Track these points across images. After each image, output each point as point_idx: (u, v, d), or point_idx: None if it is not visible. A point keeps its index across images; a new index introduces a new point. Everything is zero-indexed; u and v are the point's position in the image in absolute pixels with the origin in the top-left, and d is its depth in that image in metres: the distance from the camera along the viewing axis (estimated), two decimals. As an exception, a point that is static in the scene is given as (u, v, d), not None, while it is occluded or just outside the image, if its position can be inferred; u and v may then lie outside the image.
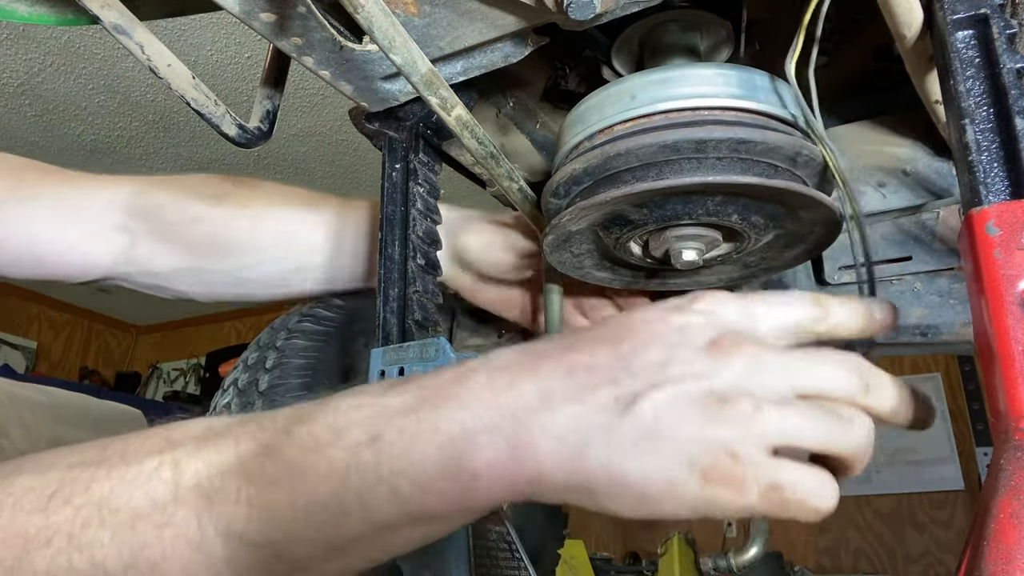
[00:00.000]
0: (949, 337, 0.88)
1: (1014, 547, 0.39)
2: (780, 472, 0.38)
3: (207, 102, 0.73)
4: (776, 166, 0.65)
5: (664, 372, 0.40)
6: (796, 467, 0.39)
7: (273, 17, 0.65)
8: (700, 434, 0.38)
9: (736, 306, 0.44)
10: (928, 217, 0.88)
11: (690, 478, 0.38)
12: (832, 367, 0.42)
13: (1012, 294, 0.44)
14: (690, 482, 0.38)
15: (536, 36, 0.72)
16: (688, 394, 0.39)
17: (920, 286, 0.90)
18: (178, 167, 3.73)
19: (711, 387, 0.39)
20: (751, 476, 0.38)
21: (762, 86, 0.66)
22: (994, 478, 0.42)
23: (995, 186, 0.49)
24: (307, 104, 3.16)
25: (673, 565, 3.02)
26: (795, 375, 0.41)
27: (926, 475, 3.69)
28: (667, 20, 0.79)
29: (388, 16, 0.55)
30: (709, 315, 0.43)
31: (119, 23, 0.64)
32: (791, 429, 0.39)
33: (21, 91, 3.09)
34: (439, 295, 0.83)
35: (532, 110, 1.00)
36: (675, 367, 0.40)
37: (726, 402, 0.38)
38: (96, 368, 6.10)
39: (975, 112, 0.51)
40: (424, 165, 0.86)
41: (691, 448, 0.38)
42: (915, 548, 3.63)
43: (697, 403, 0.39)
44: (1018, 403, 0.43)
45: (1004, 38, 0.52)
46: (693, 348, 0.41)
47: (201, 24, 2.72)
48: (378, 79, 0.77)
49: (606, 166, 0.65)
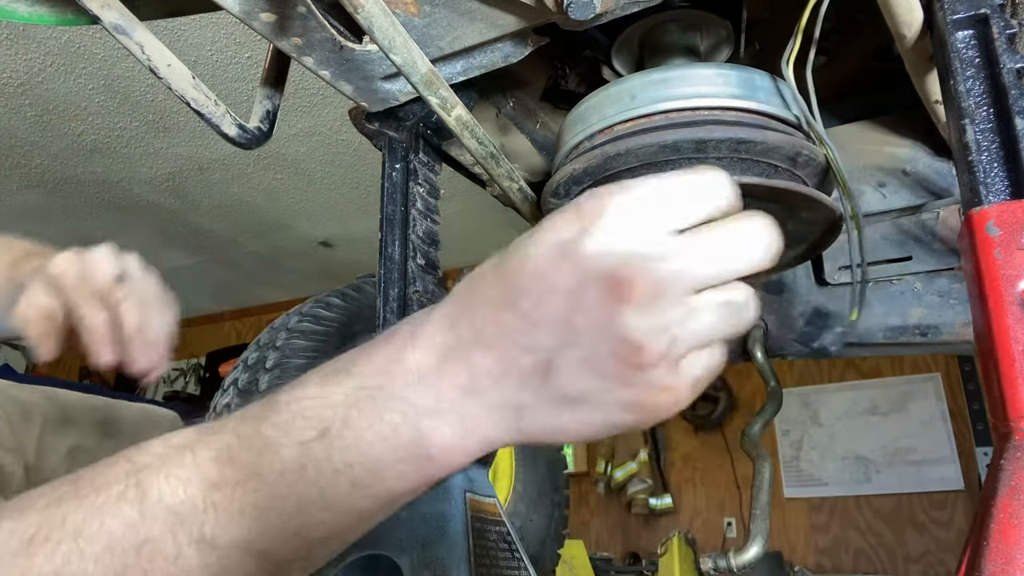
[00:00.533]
0: (949, 337, 0.88)
1: (1014, 547, 0.39)
2: (700, 371, 0.40)
3: (207, 102, 0.73)
4: (776, 166, 0.65)
5: (564, 321, 0.39)
6: (706, 353, 0.41)
7: (273, 17, 0.65)
8: (625, 382, 0.39)
9: (616, 212, 0.39)
10: (928, 217, 0.88)
11: (627, 417, 0.40)
12: (728, 247, 0.40)
13: (1012, 294, 0.44)
14: (628, 419, 0.40)
15: (536, 36, 0.72)
16: (597, 351, 0.38)
17: (920, 286, 0.90)
18: (178, 167, 3.73)
19: (620, 336, 0.38)
20: (682, 390, 0.40)
21: (762, 86, 0.67)
22: (994, 478, 0.42)
23: (995, 186, 0.49)
24: (307, 104, 3.16)
25: (673, 565, 3.02)
26: (694, 280, 0.39)
27: (926, 475, 3.69)
28: (667, 20, 0.79)
29: (388, 16, 0.55)
30: (596, 233, 0.38)
31: (119, 23, 0.64)
32: (704, 338, 0.40)
33: (21, 91, 3.09)
34: (439, 295, 0.83)
35: (532, 110, 1.00)
36: (571, 312, 0.38)
37: (641, 349, 0.38)
38: (96, 368, 6.09)
39: (975, 112, 0.51)
40: (424, 165, 0.86)
41: (622, 396, 0.39)
42: (915, 548, 3.63)
43: (614, 356, 0.38)
44: (1018, 403, 0.43)
45: (1004, 38, 0.52)
46: (586, 288, 0.38)
47: (201, 24, 2.72)
48: (378, 79, 0.77)
49: (606, 166, 0.65)
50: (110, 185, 3.94)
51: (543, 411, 0.41)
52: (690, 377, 0.40)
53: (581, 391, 0.40)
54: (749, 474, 2.56)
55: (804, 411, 4.05)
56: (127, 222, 4.41)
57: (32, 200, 4.09)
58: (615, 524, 4.34)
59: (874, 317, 0.91)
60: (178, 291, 0.85)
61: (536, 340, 0.39)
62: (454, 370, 0.41)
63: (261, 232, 4.60)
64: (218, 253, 4.95)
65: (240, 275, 5.38)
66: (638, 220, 0.38)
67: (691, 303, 0.39)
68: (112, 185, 3.94)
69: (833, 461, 3.92)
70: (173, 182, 3.92)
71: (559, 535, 1.36)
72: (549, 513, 1.34)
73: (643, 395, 0.39)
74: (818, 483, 3.93)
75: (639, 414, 0.40)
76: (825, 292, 0.96)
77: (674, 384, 0.39)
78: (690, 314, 0.39)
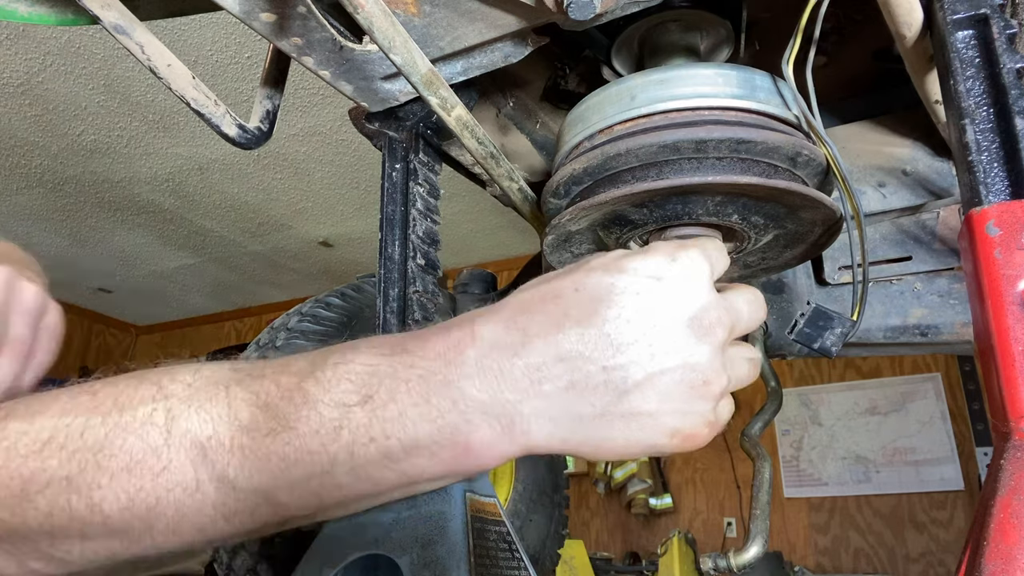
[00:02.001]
0: (949, 337, 0.88)
1: (1014, 547, 0.39)
2: (727, 415, 0.47)
3: (207, 102, 0.73)
4: (776, 166, 0.65)
5: (650, 352, 0.43)
6: (729, 401, 0.48)
7: (273, 17, 0.65)
8: (684, 410, 0.44)
9: (706, 266, 0.46)
10: (928, 217, 0.88)
11: (669, 441, 0.44)
12: (751, 312, 0.49)
13: (1012, 294, 0.44)
14: (668, 444, 0.44)
15: (536, 36, 0.72)
16: (674, 378, 0.43)
17: (920, 286, 0.90)
18: (178, 167, 3.73)
19: (695, 367, 0.43)
20: (716, 427, 0.45)
21: (762, 86, 0.66)
22: (994, 478, 0.42)
23: (995, 186, 0.49)
24: (307, 104, 3.16)
25: (673, 565, 3.02)
26: (740, 328, 0.48)
27: (926, 475, 3.69)
28: (667, 20, 0.79)
29: (388, 16, 0.55)
30: (688, 280, 0.45)
31: (119, 23, 0.64)
32: (738, 384, 0.48)
33: (21, 91, 3.10)
34: (439, 295, 0.83)
35: (532, 110, 1.00)
36: (660, 347, 0.43)
37: (708, 384, 0.44)
38: (96, 368, 6.10)
39: (975, 112, 0.51)
40: (424, 165, 0.86)
41: (675, 422, 0.44)
42: (915, 548, 3.63)
43: (683, 384, 0.43)
44: (1018, 403, 0.43)
45: (1004, 38, 0.52)
46: (677, 326, 0.43)
47: (201, 24, 2.72)
48: (378, 79, 0.77)
49: (606, 166, 0.65)
50: (110, 185, 3.94)
51: (599, 424, 0.43)
52: (721, 418, 0.46)
53: (646, 410, 0.43)
54: (749, 474, 2.56)
55: (804, 411, 4.05)
56: (127, 222, 4.41)
57: (32, 200, 4.09)
58: (615, 524, 4.34)
59: (874, 317, 0.91)
60: (178, 291, 0.84)
61: (618, 360, 0.42)
62: (520, 374, 0.42)
63: (261, 232, 4.60)
64: (218, 253, 4.95)
65: (240, 275, 5.38)
66: (711, 273, 0.46)
67: (734, 353, 0.47)
68: (112, 185, 3.94)
69: (833, 461, 3.92)
70: (173, 182, 3.92)
71: (559, 535, 1.36)
72: (549, 513, 1.34)
73: (692, 424, 0.44)
74: (818, 483, 3.93)
75: (679, 441, 0.44)
76: (825, 292, 0.96)
77: (714, 421, 0.45)
78: (734, 362, 0.47)
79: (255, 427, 0.42)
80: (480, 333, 0.44)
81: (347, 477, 0.43)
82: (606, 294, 0.44)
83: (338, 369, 0.43)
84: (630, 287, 0.44)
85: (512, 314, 0.45)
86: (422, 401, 0.42)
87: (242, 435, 0.42)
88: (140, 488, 0.41)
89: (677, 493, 4.23)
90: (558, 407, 0.43)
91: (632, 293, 0.44)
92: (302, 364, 0.45)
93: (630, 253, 0.47)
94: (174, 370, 0.45)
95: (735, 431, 0.81)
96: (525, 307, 0.45)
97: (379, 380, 0.42)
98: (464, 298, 1.30)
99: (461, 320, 0.46)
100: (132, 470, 0.41)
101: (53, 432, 0.42)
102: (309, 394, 0.42)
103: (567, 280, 0.45)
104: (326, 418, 0.42)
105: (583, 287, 0.44)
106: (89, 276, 5.34)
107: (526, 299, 0.45)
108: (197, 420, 0.42)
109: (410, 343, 0.45)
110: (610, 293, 0.44)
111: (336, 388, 0.43)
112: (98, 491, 0.41)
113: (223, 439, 0.42)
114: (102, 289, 5.62)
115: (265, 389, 0.43)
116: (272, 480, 0.42)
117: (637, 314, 0.43)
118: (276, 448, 0.42)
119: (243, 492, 0.42)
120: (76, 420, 0.42)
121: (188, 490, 0.41)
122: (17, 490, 0.41)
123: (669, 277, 0.44)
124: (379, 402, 0.42)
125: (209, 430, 0.42)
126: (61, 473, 0.41)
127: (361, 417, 0.42)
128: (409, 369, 0.43)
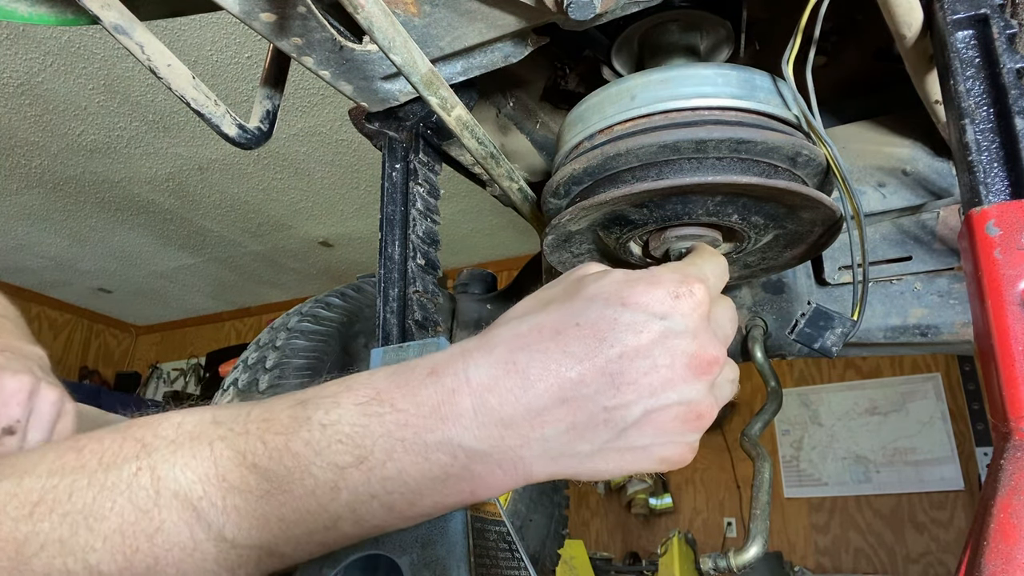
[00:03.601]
0: (949, 337, 0.88)
1: (1014, 547, 0.39)
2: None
3: (207, 102, 0.73)
4: (776, 166, 0.65)
5: (651, 391, 0.43)
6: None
7: (273, 17, 0.65)
8: (676, 440, 0.45)
9: (707, 300, 0.46)
10: (928, 217, 0.88)
11: (657, 467, 0.46)
12: (732, 328, 0.51)
13: (1012, 294, 0.44)
14: (654, 468, 0.46)
15: (536, 36, 0.72)
16: (671, 414, 0.44)
17: (920, 286, 0.90)
18: (178, 167, 3.73)
19: (690, 403, 0.44)
20: (696, 449, 0.47)
21: (762, 86, 0.66)
22: (994, 478, 0.42)
23: (995, 186, 0.49)
24: (307, 104, 3.16)
25: (673, 565, 3.02)
26: (732, 371, 0.49)
27: (926, 475, 3.69)
28: (667, 20, 0.79)
29: (388, 16, 0.55)
30: (689, 318, 0.44)
31: (119, 23, 0.64)
32: (721, 406, 0.49)
33: (21, 91, 3.10)
34: (439, 295, 0.83)
35: (532, 110, 1.00)
36: (660, 386, 0.43)
37: (701, 417, 0.45)
38: (96, 368, 6.10)
39: (975, 112, 0.51)
40: (424, 165, 0.86)
41: (666, 452, 0.45)
42: (915, 548, 3.63)
43: (678, 419, 0.44)
44: (1018, 403, 0.43)
45: (1004, 38, 0.52)
46: (677, 364, 0.43)
47: (201, 24, 2.72)
48: (378, 79, 0.77)
49: (606, 166, 0.65)
50: (110, 185, 3.94)
51: (595, 457, 0.44)
52: (699, 440, 0.47)
53: (641, 444, 0.44)
54: (749, 474, 2.55)
55: (804, 411, 4.05)
56: (127, 222, 4.41)
57: (32, 200, 4.09)
58: (615, 524, 4.34)
59: (874, 317, 0.91)
60: (178, 291, 0.84)
61: (619, 400, 0.43)
62: (521, 419, 0.42)
63: (261, 232, 4.60)
64: (218, 253, 4.95)
65: (240, 275, 5.38)
66: (710, 304, 0.46)
67: (721, 379, 0.47)
68: (112, 185, 3.94)
69: (833, 461, 3.93)
70: (173, 182, 3.92)
71: (559, 535, 1.36)
72: (549, 513, 1.34)
73: (680, 451, 0.45)
74: (818, 483, 3.93)
75: (666, 466, 0.46)
76: (825, 292, 0.96)
77: (696, 445, 0.46)
78: (722, 388, 0.48)
79: (247, 488, 0.41)
80: (475, 379, 0.43)
81: (352, 528, 0.43)
82: (608, 330, 0.43)
83: (327, 431, 0.42)
84: (633, 325, 0.43)
85: (509, 353, 0.43)
86: (421, 460, 0.42)
87: (234, 496, 0.41)
88: (136, 550, 0.40)
89: (677, 493, 4.23)
90: (558, 447, 0.43)
91: (635, 331, 0.43)
92: (285, 420, 0.43)
93: (632, 280, 0.45)
94: (155, 423, 0.45)
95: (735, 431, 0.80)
96: (522, 343, 0.43)
97: (372, 440, 0.42)
98: (464, 298, 1.30)
99: (451, 360, 0.44)
100: (125, 532, 0.40)
101: (42, 494, 0.41)
102: (300, 456, 0.42)
103: (566, 311, 0.44)
104: (321, 480, 0.41)
105: (584, 321, 0.43)
106: (89, 276, 5.35)
107: (523, 333, 0.44)
108: (184, 480, 0.41)
109: (398, 398, 0.43)
110: (612, 330, 0.43)
111: (327, 450, 0.42)
112: (93, 554, 0.40)
113: (215, 500, 0.41)
114: (102, 289, 5.62)
115: (252, 448, 0.42)
116: (273, 538, 0.42)
117: (639, 353, 0.43)
118: (272, 510, 0.41)
119: (244, 549, 0.42)
120: (63, 481, 0.41)
121: (186, 549, 0.41)
122: (13, 553, 0.40)
123: (672, 315, 0.44)
124: (376, 462, 0.41)
125: (199, 491, 0.41)
126: (54, 536, 0.40)
127: (358, 476, 0.41)
128: (403, 428, 0.42)
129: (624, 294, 0.44)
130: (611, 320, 0.43)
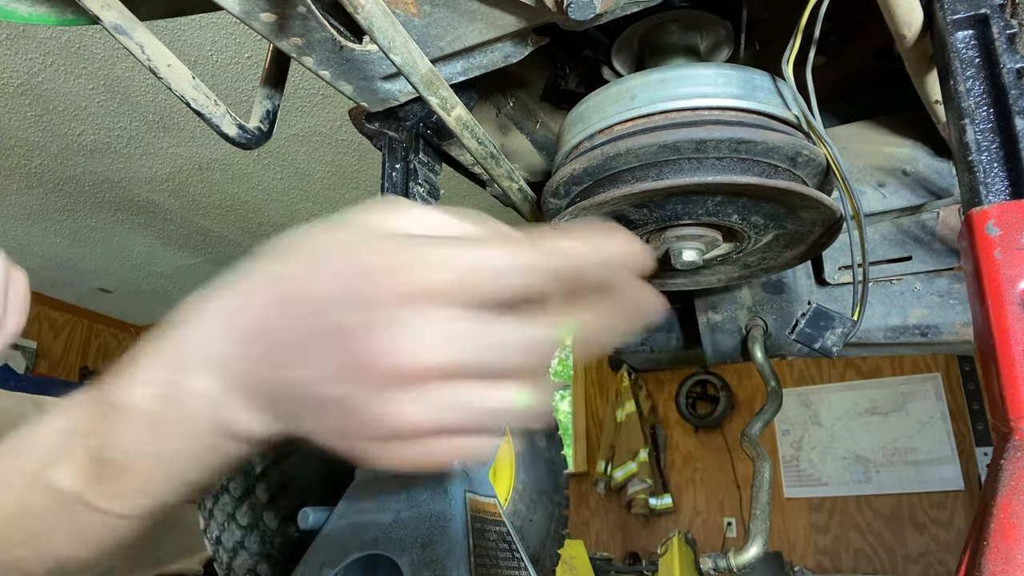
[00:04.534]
0: (949, 337, 0.88)
1: (1014, 547, 0.39)
2: None
3: (207, 102, 0.73)
4: (776, 166, 0.65)
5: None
6: None
7: (273, 17, 0.65)
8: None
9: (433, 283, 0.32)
10: (928, 217, 0.88)
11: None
12: None
13: (1012, 294, 0.44)
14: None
15: (536, 36, 0.72)
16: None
17: (920, 286, 0.90)
18: (178, 167, 3.73)
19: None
20: None
21: (762, 86, 0.66)
22: (994, 478, 0.42)
23: (995, 186, 0.49)
24: (307, 104, 3.16)
25: (673, 565, 3.02)
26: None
27: (926, 475, 3.69)
28: (667, 20, 0.79)
29: (388, 16, 0.55)
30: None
31: (119, 23, 0.64)
32: None
33: (21, 91, 3.09)
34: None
35: (532, 110, 1.00)
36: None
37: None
38: (96, 368, 6.10)
39: (975, 112, 0.51)
40: (424, 165, 0.86)
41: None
42: (915, 548, 3.63)
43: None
44: (1018, 403, 0.43)
45: (1004, 38, 0.52)
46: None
47: (201, 24, 2.72)
48: (378, 79, 0.77)
49: (606, 166, 0.65)
50: (110, 185, 3.94)
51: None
52: None
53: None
54: (749, 474, 2.54)
55: (804, 411, 4.05)
56: (127, 222, 4.41)
57: (32, 200, 4.09)
58: (615, 524, 4.34)
59: (874, 317, 0.91)
60: (178, 291, 0.84)
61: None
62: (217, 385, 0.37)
63: (261, 232, 4.59)
64: (218, 253, 4.95)
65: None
66: None
67: None
68: (112, 185, 3.94)
69: (833, 461, 3.92)
70: (173, 182, 3.92)
71: (559, 535, 1.36)
72: (549, 513, 1.34)
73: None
74: (818, 483, 3.93)
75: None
76: (825, 292, 0.96)
77: None
78: None
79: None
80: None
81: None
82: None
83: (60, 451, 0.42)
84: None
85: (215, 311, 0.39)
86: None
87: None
88: None
89: (677, 493, 4.23)
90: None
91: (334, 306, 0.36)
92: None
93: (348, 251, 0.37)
94: None
95: (735, 431, 0.80)
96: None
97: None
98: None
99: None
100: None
101: None
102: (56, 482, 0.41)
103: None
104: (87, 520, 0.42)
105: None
106: (89, 276, 5.34)
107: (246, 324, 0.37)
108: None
109: (79, 417, 0.42)
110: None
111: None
112: None
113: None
114: (102, 289, 5.62)
115: None
116: None
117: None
118: None
119: None
120: None
121: None
122: None
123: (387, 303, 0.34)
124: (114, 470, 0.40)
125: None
126: None
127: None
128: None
129: None
130: None
